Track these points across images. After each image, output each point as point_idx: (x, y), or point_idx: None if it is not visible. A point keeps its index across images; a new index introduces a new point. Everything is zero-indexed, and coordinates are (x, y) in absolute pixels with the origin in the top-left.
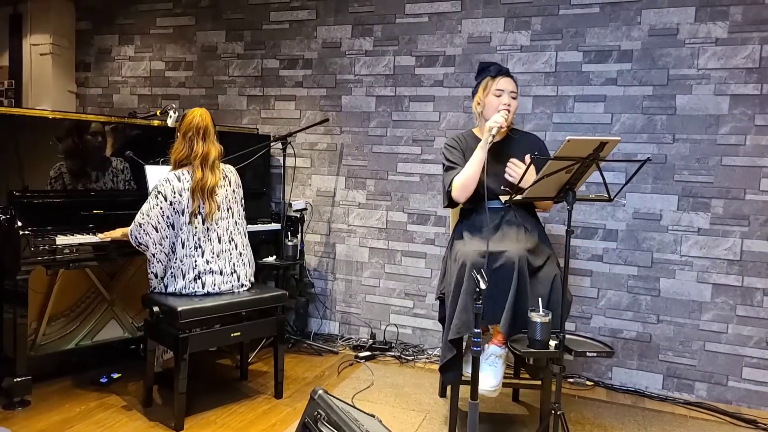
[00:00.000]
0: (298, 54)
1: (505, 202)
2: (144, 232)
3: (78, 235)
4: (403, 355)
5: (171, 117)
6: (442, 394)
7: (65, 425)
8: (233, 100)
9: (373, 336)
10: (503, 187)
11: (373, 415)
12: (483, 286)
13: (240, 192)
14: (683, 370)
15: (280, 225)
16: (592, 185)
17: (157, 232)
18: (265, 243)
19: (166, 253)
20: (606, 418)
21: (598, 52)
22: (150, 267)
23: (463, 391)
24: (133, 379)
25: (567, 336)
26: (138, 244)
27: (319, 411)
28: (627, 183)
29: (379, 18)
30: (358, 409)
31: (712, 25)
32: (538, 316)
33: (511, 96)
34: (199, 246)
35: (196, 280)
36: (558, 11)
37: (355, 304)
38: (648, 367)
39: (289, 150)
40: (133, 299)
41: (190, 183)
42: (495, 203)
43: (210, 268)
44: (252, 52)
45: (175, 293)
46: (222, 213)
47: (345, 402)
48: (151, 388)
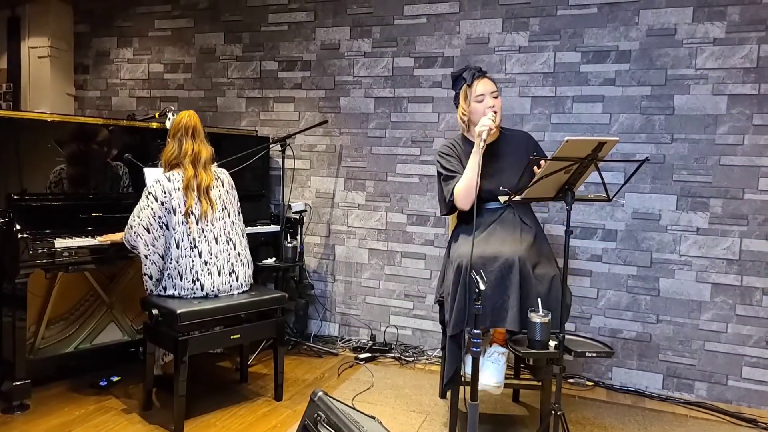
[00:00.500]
0: (296, 56)
1: (504, 203)
2: (135, 234)
3: (77, 238)
4: (403, 357)
5: (170, 119)
6: (443, 396)
7: (64, 429)
8: (232, 102)
9: (372, 337)
10: (502, 188)
11: (373, 417)
12: (482, 286)
13: (234, 193)
14: (683, 370)
15: (279, 227)
16: (591, 185)
17: (148, 233)
18: (264, 245)
19: (161, 254)
20: (606, 418)
21: (597, 53)
22: (143, 269)
23: (463, 392)
24: (132, 383)
25: (567, 336)
26: (131, 246)
27: (319, 413)
28: (626, 183)
29: (377, 19)
30: (358, 410)
31: (709, 25)
32: (538, 317)
33: (493, 96)
34: (194, 246)
35: (194, 282)
36: (556, 12)
37: (355, 306)
38: (648, 367)
39: (288, 152)
40: (132, 302)
41: (181, 183)
42: (493, 204)
43: (208, 269)
44: (251, 54)
45: (174, 296)
46: (217, 213)
47: (345, 404)
48: (151, 391)
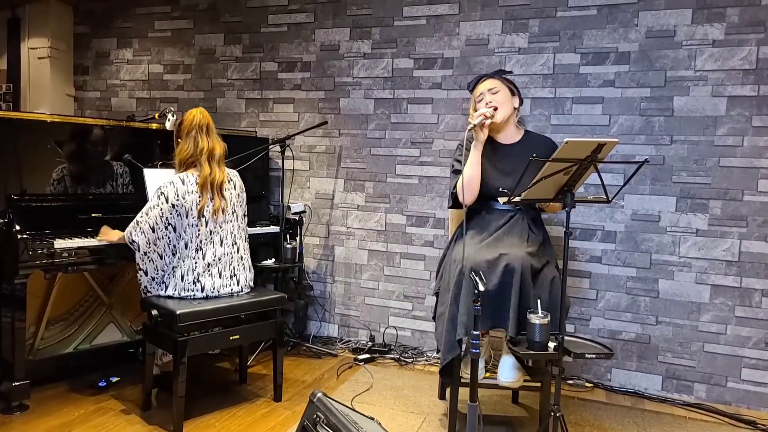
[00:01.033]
0: (296, 57)
1: (503, 203)
2: (140, 230)
3: (76, 239)
4: (402, 358)
5: (169, 120)
6: (442, 397)
7: (64, 429)
8: (232, 103)
9: (372, 338)
10: (501, 189)
11: (372, 418)
12: (482, 287)
13: (243, 196)
14: (682, 372)
15: (278, 228)
16: (591, 187)
17: (153, 232)
18: (263, 246)
19: (160, 254)
20: (605, 419)
21: (596, 54)
22: (140, 264)
23: (463, 393)
24: (131, 383)
25: (566, 337)
26: (131, 241)
27: (318, 414)
28: (625, 184)
29: (377, 21)
30: (357, 411)
31: (709, 27)
32: (537, 318)
33: (491, 93)
34: (200, 248)
35: (195, 283)
36: (555, 13)
37: (354, 307)
38: (647, 369)
39: (287, 153)
40: (131, 302)
41: (195, 185)
42: (505, 204)
43: (210, 272)
44: (250, 55)
45: (174, 296)
46: (227, 216)
47: (344, 405)
48: (150, 391)
